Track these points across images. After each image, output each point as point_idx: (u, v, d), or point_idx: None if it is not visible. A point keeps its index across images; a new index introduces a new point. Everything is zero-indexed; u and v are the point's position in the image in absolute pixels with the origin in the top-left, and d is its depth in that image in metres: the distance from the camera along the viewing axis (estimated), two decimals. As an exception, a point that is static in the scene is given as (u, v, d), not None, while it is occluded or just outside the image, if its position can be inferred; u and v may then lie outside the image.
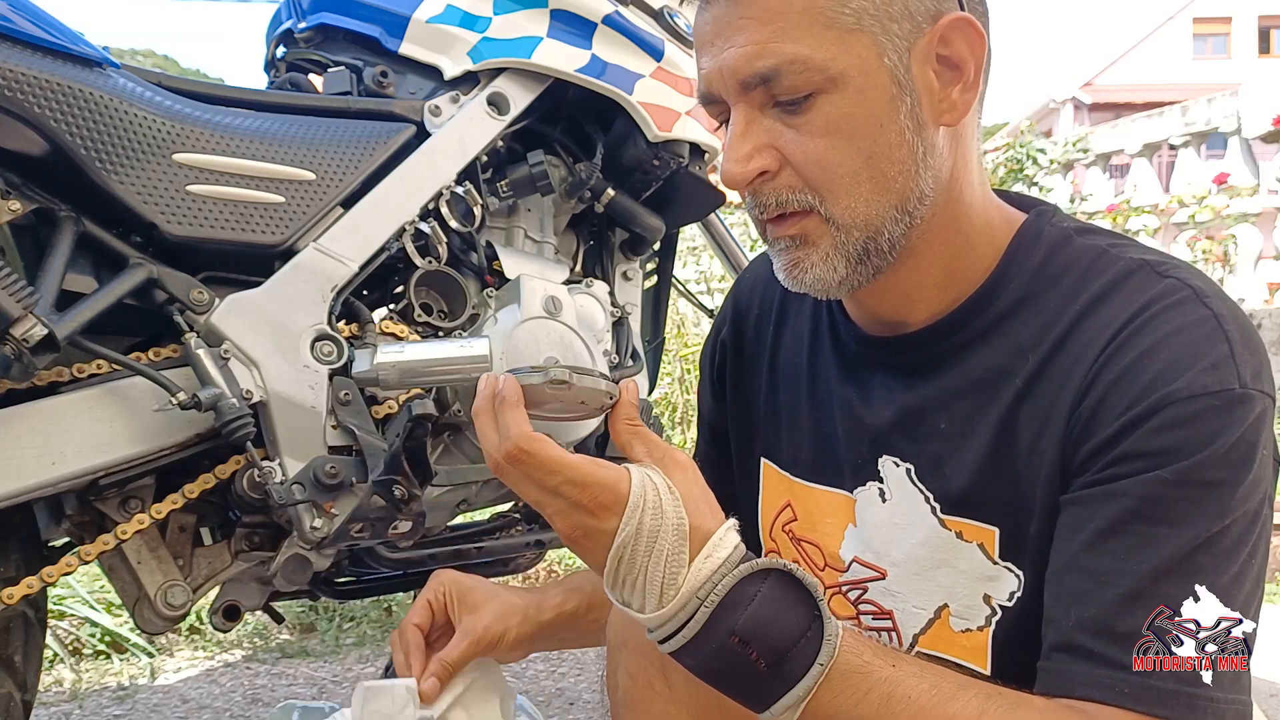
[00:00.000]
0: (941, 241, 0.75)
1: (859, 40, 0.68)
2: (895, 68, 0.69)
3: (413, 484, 1.02)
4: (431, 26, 1.34)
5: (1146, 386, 0.65)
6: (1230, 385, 0.64)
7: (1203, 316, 0.67)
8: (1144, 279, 0.70)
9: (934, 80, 0.70)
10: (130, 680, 2.12)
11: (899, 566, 0.79)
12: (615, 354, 1.45)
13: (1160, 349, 0.66)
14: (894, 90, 0.69)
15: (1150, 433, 0.64)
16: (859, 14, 0.68)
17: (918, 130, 0.71)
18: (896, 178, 0.71)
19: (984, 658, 0.75)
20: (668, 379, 5.66)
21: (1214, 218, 5.98)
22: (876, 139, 0.70)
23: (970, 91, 0.71)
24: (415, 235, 1.26)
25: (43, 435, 0.98)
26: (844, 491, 0.83)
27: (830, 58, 0.68)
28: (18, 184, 0.99)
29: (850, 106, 0.70)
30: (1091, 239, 0.74)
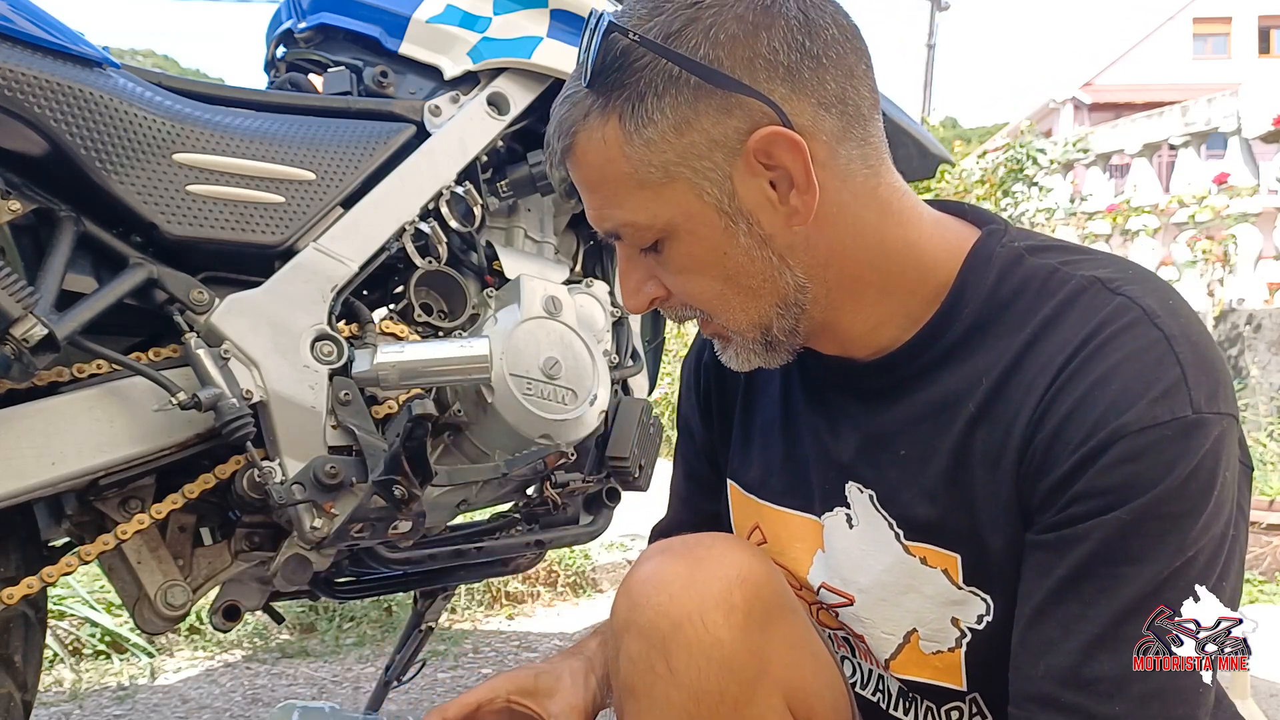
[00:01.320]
0: (874, 289, 0.75)
1: (674, 190, 0.69)
2: (719, 201, 0.70)
3: (413, 484, 1.02)
4: (431, 26, 1.34)
5: (1097, 420, 0.64)
6: (1182, 412, 0.63)
7: (1153, 340, 0.66)
8: (1094, 298, 0.69)
9: (769, 191, 0.70)
10: (130, 680, 2.12)
11: (866, 593, 0.79)
12: (615, 354, 1.45)
13: (1110, 378, 0.65)
14: (724, 223, 0.70)
15: (1104, 469, 0.64)
16: (664, 166, 0.69)
17: (763, 244, 0.71)
18: (763, 286, 0.73)
19: (958, 676, 0.76)
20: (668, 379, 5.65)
21: (1214, 218, 5.97)
22: (725, 265, 0.72)
23: (807, 193, 0.69)
24: (415, 235, 1.26)
25: (43, 435, 0.98)
26: (813, 517, 0.83)
27: (653, 215, 0.71)
28: (18, 184, 0.99)
29: (690, 247, 0.72)
30: (1043, 258, 0.73)
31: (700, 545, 0.78)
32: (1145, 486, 0.63)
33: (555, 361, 1.27)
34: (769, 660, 0.76)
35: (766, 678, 0.75)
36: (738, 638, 0.73)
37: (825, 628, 0.86)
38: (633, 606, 0.76)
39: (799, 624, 0.82)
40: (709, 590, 0.74)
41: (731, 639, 0.73)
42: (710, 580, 0.75)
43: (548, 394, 1.26)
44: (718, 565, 0.76)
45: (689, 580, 0.75)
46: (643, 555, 0.79)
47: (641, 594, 0.76)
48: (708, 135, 0.67)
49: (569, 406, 1.28)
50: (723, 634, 0.73)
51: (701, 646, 0.72)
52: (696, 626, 0.73)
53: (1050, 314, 0.70)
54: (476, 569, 1.43)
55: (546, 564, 2.80)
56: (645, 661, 0.75)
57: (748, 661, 0.74)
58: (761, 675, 0.75)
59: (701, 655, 0.72)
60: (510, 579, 2.57)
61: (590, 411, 1.30)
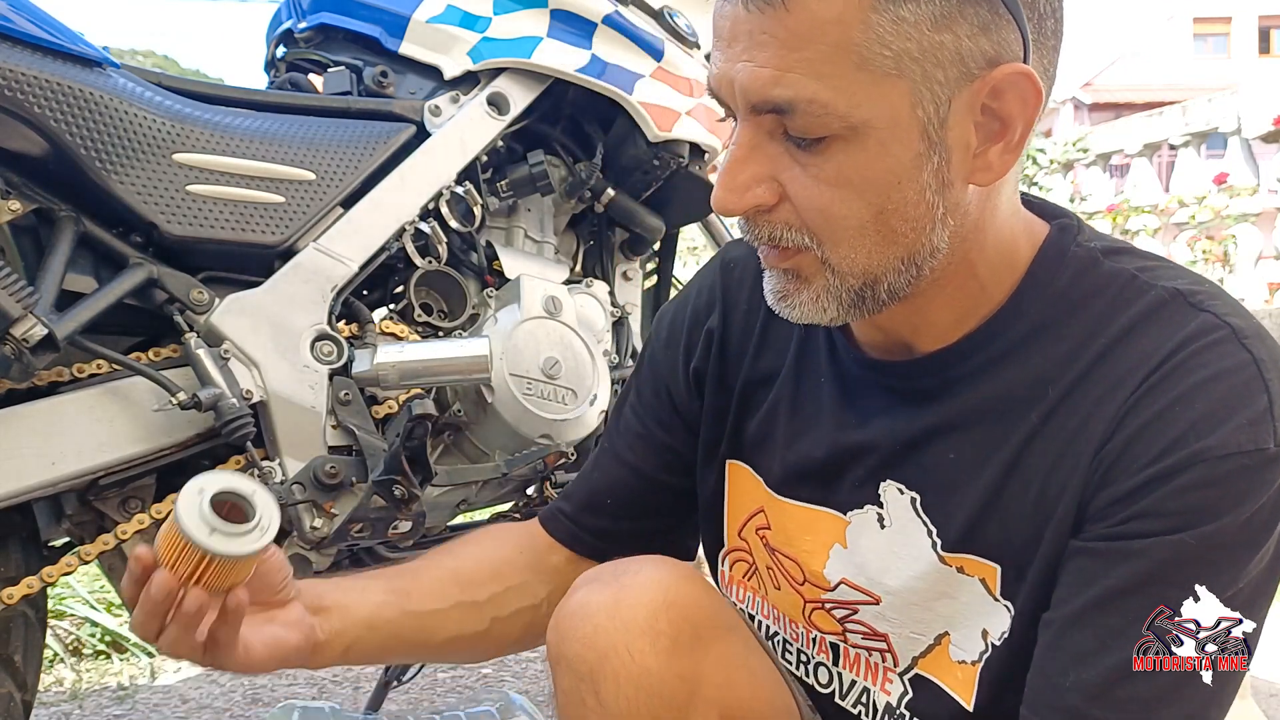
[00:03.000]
0: (955, 284, 0.69)
1: (893, 87, 0.60)
2: (929, 121, 0.61)
3: (413, 484, 1.02)
4: (431, 26, 1.34)
5: (1177, 439, 0.61)
6: (1265, 444, 0.60)
7: (1241, 362, 0.62)
8: (1177, 312, 0.65)
9: (973, 136, 0.63)
10: (130, 680, 2.12)
11: (895, 595, 0.76)
12: (615, 354, 1.45)
13: (1195, 397, 0.62)
14: (922, 146, 0.62)
15: (1177, 491, 0.60)
16: (899, 57, 0.59)
17: (940, 189, 0.64)
18: (908, 234, 0.65)
19: (970, 693, 0.73)
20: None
21: (1214, 218, 5.98)
22: (891, 195, 0.63)
23: (1012, 153, 0.64)
24: (415, 235, 1.26)
25: (43, 435, 0.98)
26: (833, 511, 0.79)
27: (855, 104, 0.60)
28: (18, 184, 0.99)
29: (868, 159, 0.62)
30: (1119, 261, 0.69)
31: (626, 572, 0.77)
32: (1215, 514, 0.60)
33: (555, 361, 1.27)
34: (701, 683, 0.75)
35: (700, 701, 0.74)
36: (665, 664, 0.72)
37: (818, 630, 0.83)
38: (560, 640, 0.75)
39: (735, 643, 0.81)
40: (634, 618, 0.73)
41: (659, 666, 0.72)
42: (635, 607, 0.74)
43: (548, 394, 1.26)
44: (643, 592, 0.75)
45: (613, 610, 0.74)
46: (572, 586, 0.78)
47: (568, 627, 0.75)
48: (958, 43, 0.60)
49: (569, 406, 1.28)
50: (650, 661, 0.72)
51: (629, 675, 0.72)
52: (622, 656, 0.72)
53: (1129, 324, 0.66)
54: (476, 569, 1.43)
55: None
56: (575, 694, 0.74)
57: (678, 687, 0.73)
58: (694, 699, 0.74)
59: (629, 684, 0.72)
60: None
61: (590, 411, 1.30)
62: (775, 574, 0.85)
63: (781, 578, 0.84)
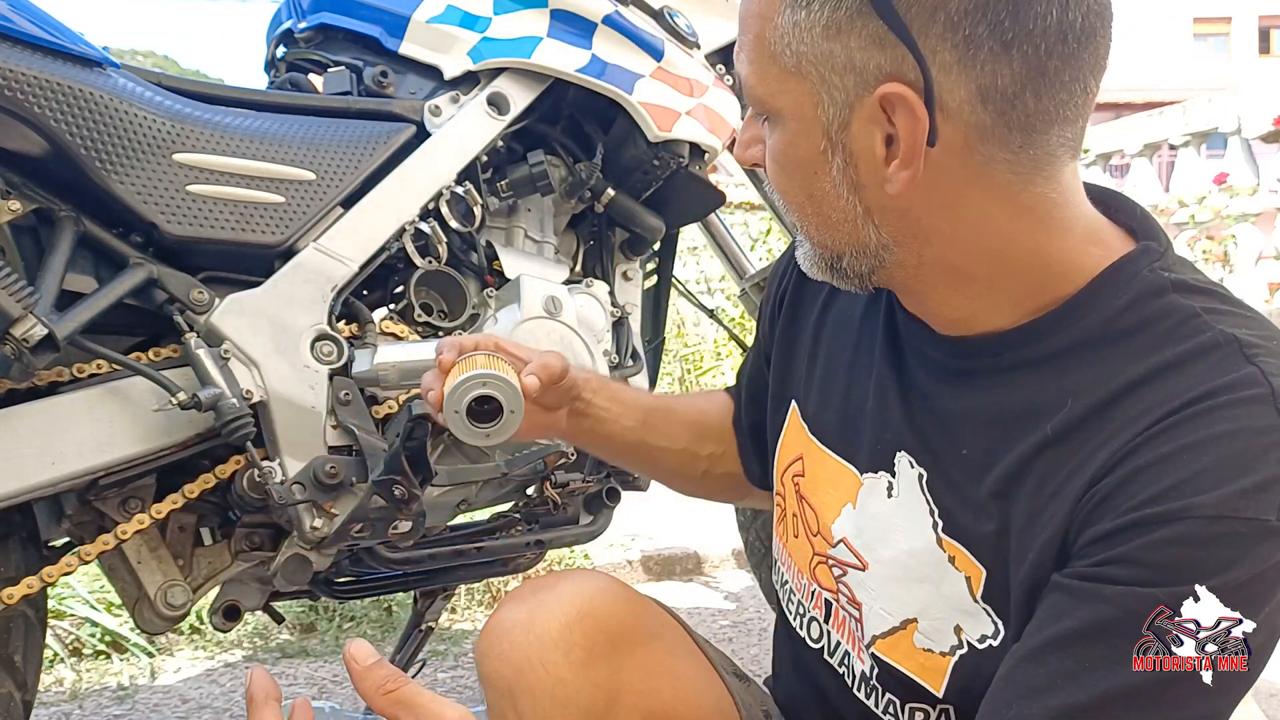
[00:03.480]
0: (980, 284, 0.68)
1: (797, 85, 0.64)
2: (830, 123, 0.64)
3: (413, 484, 1.02)
4: (431, 27, 1.34)
5: (1170, 489, 0.58)
6: (1265, 515, 0.56)
7: (1266, 426, 0.58)
8: (1225, 359, 0.61)
9: (879, 145, 0.63)
10: (130, 680, 2.12)
11: (882, 565, 0.76)
12: (615, 354, 1.45)
13: (1204, 449, 0.58)
14: (825, 145, 0.65)
15: (1159, 543, 0.57)
16: (799, 58, 0.63)
17: (853, 190, 0.66)
18: (841, 224, 0.68)
19: (939, 681, 0.73)
20: (668, 379, 5.66)
21: (1214, 217, 5.98)
22: (812, 183, 0.67)
23: (905, 170, 0.63)
24: (415, 235, 1.26)
25: (43, 435, 0.98)
26: (854, 469, 0.79)
27: (772, 94, 0.66)
28: (18, 184, 0.99)
29: (788, 145, 0.67)
30: (1189, 298, 0.65)
31: (543, 588, 0.80)
32: (1193, 577, 0.57)
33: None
34: (620, 691, 0.77)
35: (620, 709, 0.76)
36: (580, 674, 0.75)
37: (818, 584, 0.83)
38: (482, 658, 0.78)
39: (657, 650, 0.83)
40: (547, 632, 0.76)
41: (574, 677, 0.74)
42: (549, 621, 0.76)
43: (548, 394, 1.26)
44: (557, 606, 0.77)
45: (528, 626, 0.77)
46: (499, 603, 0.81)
47: (487, 645, 0.78)
48: (850, 55, 0.61)
49: (569, 406, 1.28)
50: (564, 673, 0.74)
51: (544, 688, 0.74)
52: (537, 670, 0.74)
53: (1171, 359, 0.62)
54: (476, 569, 1.43)
55: (546, 564, 2.80)
56: (497, 710, 0.77)
57: (594, 696, 0.75)
58: (613, 706, 0.76)
59: (545, 697, 0.74)
60: (510, 579, 2.57)
61: (590, 411, 1.30)
62: (798, 521, 0.85)
63: (801, 526, 0.85)
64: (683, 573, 3.25)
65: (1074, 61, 0.60)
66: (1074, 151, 0.65)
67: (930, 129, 0.61)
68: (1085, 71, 0.61)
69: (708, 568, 3.28)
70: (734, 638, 2.53)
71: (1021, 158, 0.63)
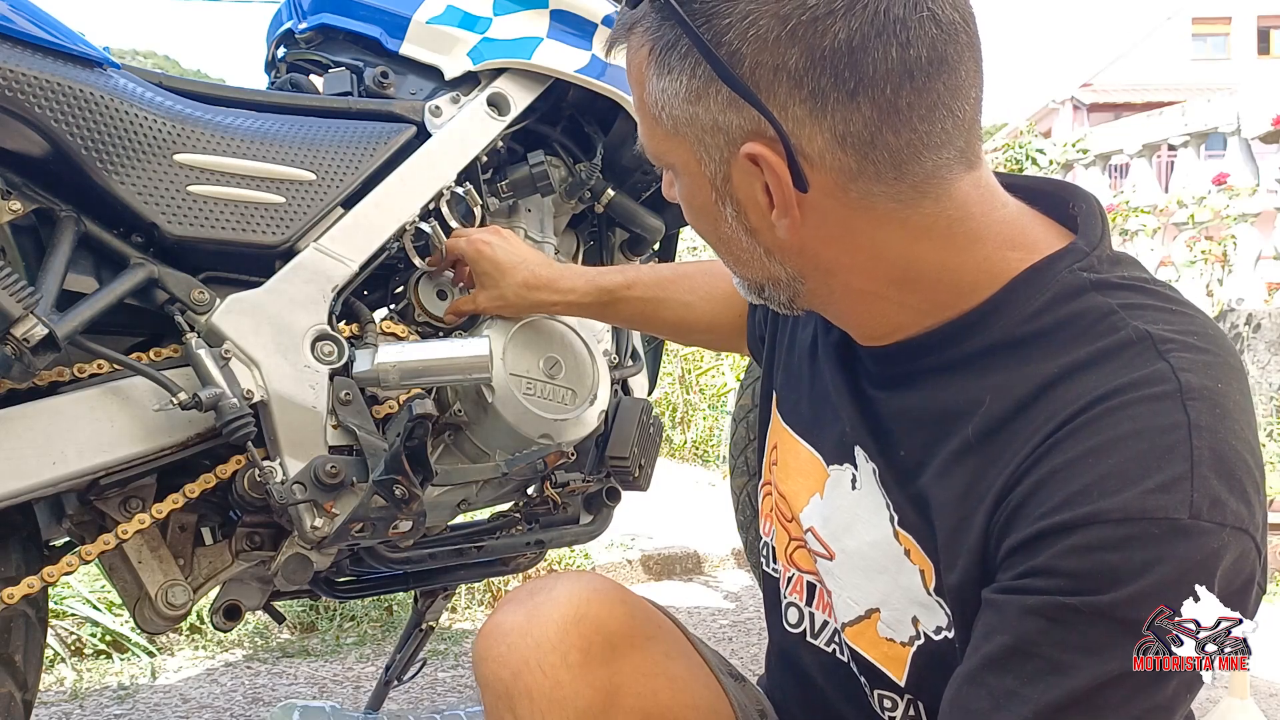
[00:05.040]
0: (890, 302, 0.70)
1: (679, 143, 0.68)
2: (713, 178, 0.67)
3: (413, 484, 1.02)
4: (432, 27, 1.34)
5: (1079, 493, 0.58)
6: (1176, 514, 0.56)
7: (1172, 423, 0.58)
8: (1137, 356, 0.61)
9: (760, 195, 0.66)
10: (131, 680, 2.12)
11: (848, 556, 0.77)
12: (615, 354, 1.45)
13: (1108, 451, 0.58)
14: (714, 197, 0.68)
15: (1071, 550, 0.57)
16: (674, 121, 0.66)
17: (751, 234, 0.69)
18: (751, 262, 0.71)
19: (901, 670, 0.75)
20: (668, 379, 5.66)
21: (1214, 218, 5.98)
22: (717, 228, 0.71)
23: (785, 218, 0.65)
24: (416, 235, 1.26)
25: (43, 435, 0.98)
26: (820, 458, 0.81)
27: (660, 151, 0.70)
28: (18, 184, 0.99)
29: (687, 195, 0.71)
30: (1109, 295, 0.65)
31: (540, 590, 0.81)
32: (1112, 584, 0.56)
33: (555, 361, 1.28)
34: (618, 692, 0.77)
35: (617, 709, 0.77)
36: (578, 676, 0.75)
37: (796, 569, 0.85)
38: (478, 662, 0.79)
39: (654, 651, 0.83)
40: (545, 634, 0.76)
41: (571, 679, 0.75)
42: (545, 624, 0.77)
43: (548, 394, 1.26)
44: (553, 608, 0.78)
45: (525, 629, 0.77)
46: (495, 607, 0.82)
47: (484, 648, 0.79)
48: (712, 117, 0.64)
49: (569, 406, 1.28)
50: (561, 675, 0.75)
51: (541, 690, 0.75)
52: (534, 672, 0.75)
53: (1083, 359, 0.62)
54: (476, 569, 1.43)
55: (546, 563, 2.80)
56: (495, 713, 0.77)
57: (592, 698, 0.76)
58: (611, 708, 0.77)
59: (543, 699, 0.75)
60: (510, 579, 2.57)
61: (590, 411, 1.30)
62: (778, 509, 0.88)
63: (778, 514, 0.87)
64: (683, 573, 3.25)
65: (927, 94, 0.61)
66: (967, 166, 0.66)
67: (800, 177, 0.63)
68: (945, 98, 0.62)
69: (708, 568, 3.28)
70: (734, 637, 2.53)
71: (900, 187, 0.64)
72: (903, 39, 0.59)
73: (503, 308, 1.24)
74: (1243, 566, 0.59)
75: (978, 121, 0.65)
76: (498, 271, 1.21)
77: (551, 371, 1.27)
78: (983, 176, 0.67)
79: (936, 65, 0.61)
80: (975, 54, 0.64)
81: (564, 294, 1.20)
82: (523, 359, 1.25)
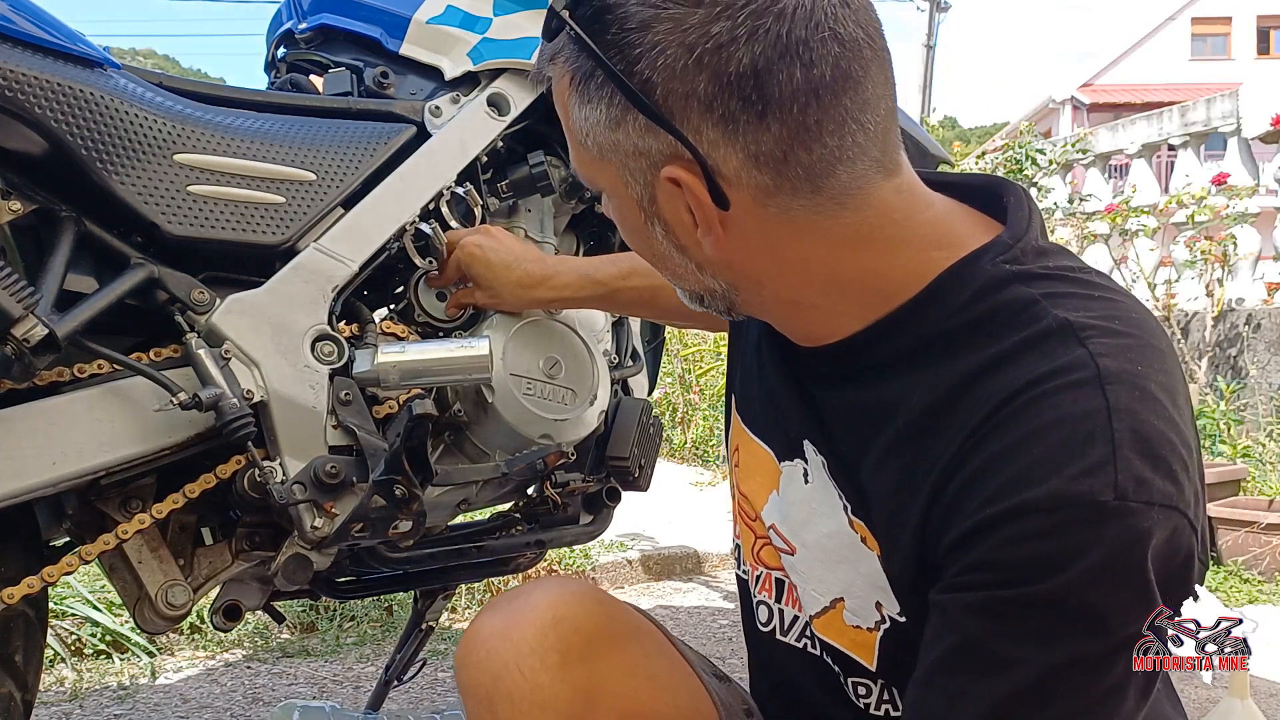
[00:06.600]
0: (820, 310, 0.72)
1: (605, 167, 0.69)
2: (640, 199, 0.69)
3: (413, 484, 1.02)
4: (432, 28, 1.34)
5: (1007, 485, 0.59)
6: (1102, 497, 0.56)
7: (1091, 409, 0.59)
8: (1057, 345, 0.62)
9: (685, 214, 0.68)
10: (131, 680, 2.12)
11: (808, 549, 0.79)
12: (615, 354, 1.45)
13: (1032, 441, 0.59)
14: (643, 218, 0.70)
15: (1004, 542, 0.58)
16: (599, 147, 0.68)
17: (682, 251, 0.71)
18: (686, 277, 0.73)
19: (871, 655, 0.76)
20: (668, 379, 5.66)
21: (1213, 218, 5.97)
22: (650, 246, 0.73)
23: (709, 236, 0.68)
24: (416, 235, 1.26)
25: (43, 435, 0.98)
26: (773, 455, 0.83)
27: (589, 175, 0.72)
28: (18, 184, 0.99)
29: (619, 216, 0.73)
30: (1032, 286, 0.66)
31: (518, 596, 0.82)
32: (1047, 572, 0.57)
33: (555, 361, 1.28)
34: (598, 693, 0.78)
35: (597, 710, 0.78)
36: (557, 678, 0.76)
37: (764, 566, 0.86)
38: (460, 667, 0.80)
39: (633, 652, 0.84)
40: (523, 638, 0.77)
41: (550, 681, 0.76)
42: (524, 628, 0.78)
43: (548, 394, 1.26)
44: (532, 612, 0.79)
45: (504, 633, 0.78)
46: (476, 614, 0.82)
47: (465, 653, 0.80)
48: (633, 143, 0.66)
49: (569, 406, 1.28)
50: (541, 678, 0.76)
51: (521, 693, 0.76)
52: (514, 675, 0.76)
53: (1007, 350, 0.63)
54: (476, 569, 1.43)
55: (546, 563, 2.80)
56: (476, 717, 0.78)
57: (572, 699, 0.76)
58: (591, 709, 0.77)
59: (523, 701, 0.76)
60: (510, 579, 2.57)
61: (590, 411, 1.30)
62: (741, 509, 0.89)
63: (743, 514, 0.89)
64: (683, 573, 3.25)
65: (835, 110, 0.63)
66: (885, 174, 0.67)
67: (720, 196, 0.65)
68: (853, 113, 0.63)
69: (708, 568, 3.28)
70: (734, 637, 2.53)
71: (818, 200, 0.66)
72: (806, 60, 0.61)
73: (500, 305, 1.25)
74: (1178, 544, 0.59)
75: (891, 130, 0.67)
76: (490, 273, 1.22)
77: (551, 371, 1.27)
78: (904, 182, 0.68)
79: (842, 82, 0.62)
80: (882, 66, 0.65)
81: (559, 290, 1.22)
82: (523, 359, 1.25)
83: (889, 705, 0.78)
